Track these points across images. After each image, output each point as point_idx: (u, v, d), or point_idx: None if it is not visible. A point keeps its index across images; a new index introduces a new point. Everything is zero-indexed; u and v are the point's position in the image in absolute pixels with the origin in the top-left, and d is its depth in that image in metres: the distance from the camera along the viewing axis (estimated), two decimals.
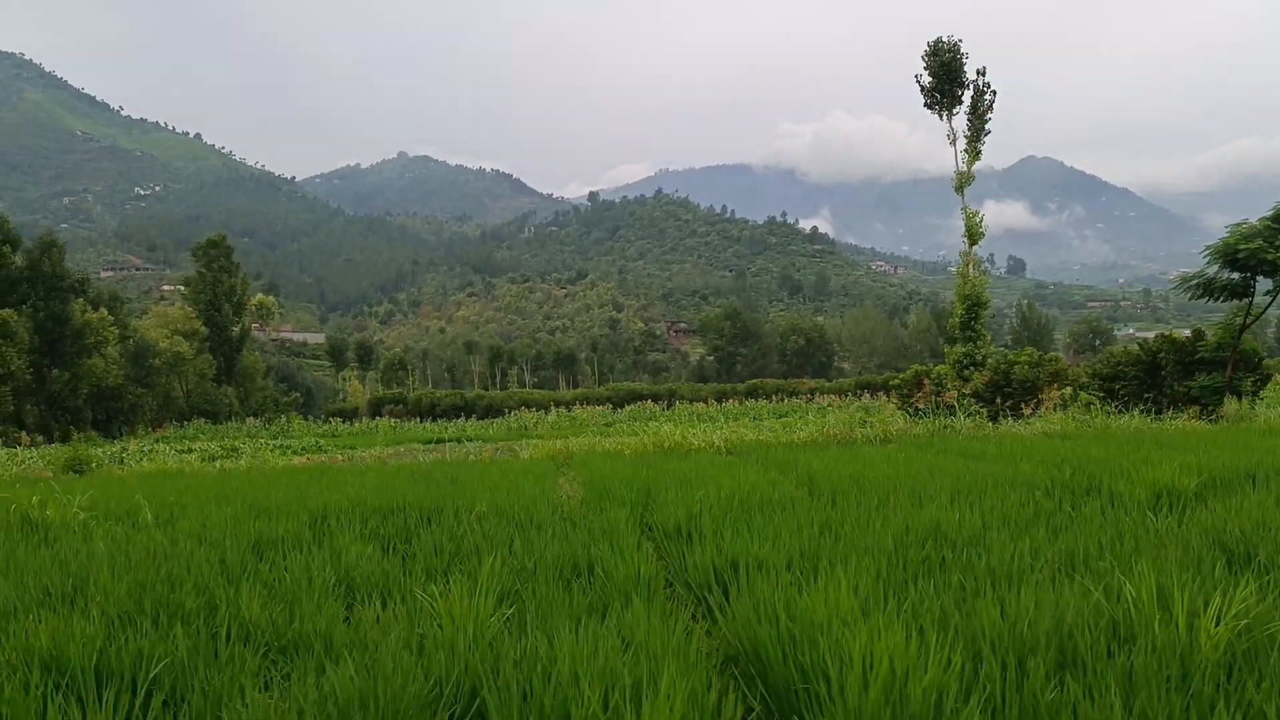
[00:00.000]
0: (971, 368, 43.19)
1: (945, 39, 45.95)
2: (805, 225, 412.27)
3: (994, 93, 45.83)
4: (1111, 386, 34.10)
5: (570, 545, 7.45)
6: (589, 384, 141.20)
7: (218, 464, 23.40)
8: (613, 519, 8.62)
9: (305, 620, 5.20)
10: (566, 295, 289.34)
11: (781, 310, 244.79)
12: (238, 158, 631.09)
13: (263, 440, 47.50)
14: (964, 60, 45.47)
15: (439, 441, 47.97)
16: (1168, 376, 32.15)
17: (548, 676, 3.88)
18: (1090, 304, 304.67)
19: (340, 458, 29.99)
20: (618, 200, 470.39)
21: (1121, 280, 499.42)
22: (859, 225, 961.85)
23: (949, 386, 43.31)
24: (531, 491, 11.63)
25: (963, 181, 45.72)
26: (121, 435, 66.25)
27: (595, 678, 3.78)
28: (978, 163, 46.93)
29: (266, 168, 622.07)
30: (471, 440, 48.94)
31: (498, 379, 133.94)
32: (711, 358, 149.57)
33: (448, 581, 6.46)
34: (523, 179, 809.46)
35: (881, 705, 3.39)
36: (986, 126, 45.37)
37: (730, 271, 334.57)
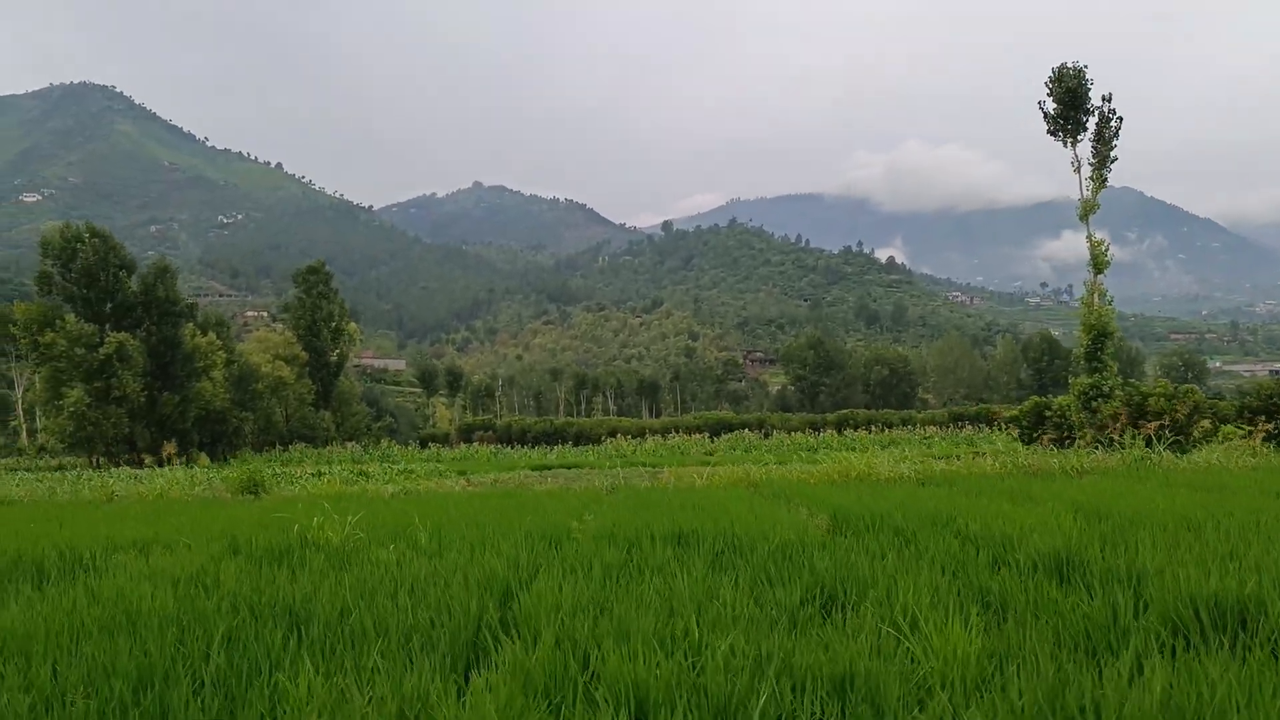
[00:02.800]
0: (1099, 399, 42.06)
1: (1070, 65, 45.29)
2: (879, 256, 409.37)
3: (1120, 119, 44.93)
4: (1262, 419, 32.98)
5: (938, 575, 7.05)
6: (670, 412, 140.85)
7: (389, 487, 23.39)
8: (948, 549, 8.21)
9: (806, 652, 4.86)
10: (642, 324, 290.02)
11: (859, 340, 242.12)
12: (317, 187, 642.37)
13: (377, 465, 47.78)
14: (1089, 86, 44.69)
15: (548, 468, 47.82)
16: None
17: None
18: (1173, 336, 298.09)
19: (465, 483, 29.95)
20: (691, 229, 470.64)
21: (1205, 312, 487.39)
22: (933, 255, 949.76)
23: (1074, 419, 42.26)
24: (789, 520, 11.25)
25: (1087, 209, 44.86)
26: (225, 458, 67.24)
27: None
28: (1096, 191, 46.06)
29: (345, 196, 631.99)
30: (579, 467, 48.77)
31: (582, 406, 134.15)
32: (794, 387, 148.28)
33: (856, 613, 6.10)
34: (596, 208, 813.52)
35: None
36: (1113, 153, 44.49)
37: (805, 301, 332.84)
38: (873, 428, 76.64)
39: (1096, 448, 26.05)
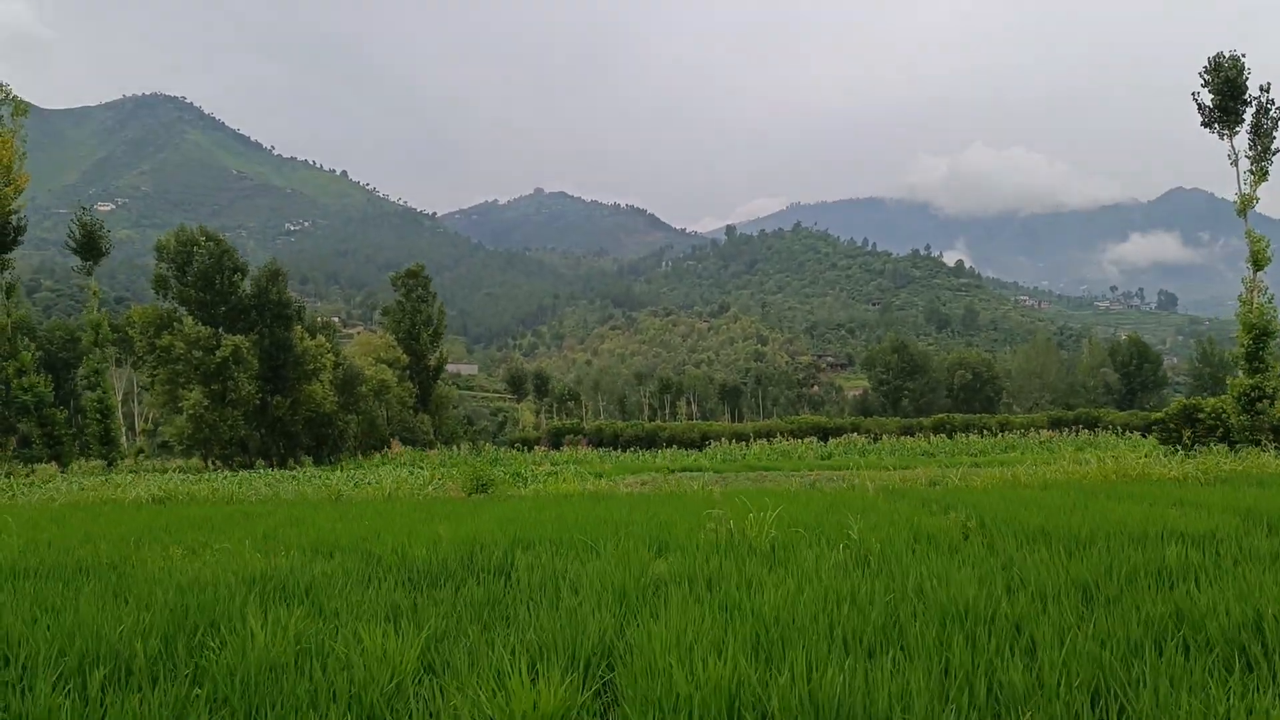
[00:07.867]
0: (1262, 400, 40.66)
1: (1226, 54, 44.01)
2: (946, 259, 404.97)
3: None
4: None
5: None
6: (751, 416, 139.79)
7: (623, 487, 22.79)
8: None
9: None
10: (710, 328, 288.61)
11: (929, 344, 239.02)
12: (381, 194, 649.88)
13: (511, 467, 47.27)
14: (1247, 76, 43.38)
15: (673, 471, 47.06)
16: None
17: None
18: None
19: (702, 481, 29.28)
20: (754, 234, 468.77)
21: None
22: (996, 259, 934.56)
23: (1232, 421, 40.79)
24: (1212, 521, 10.30)
25: (1245, 204, 43.61)
26: (331, 462, 67.23)
27: None
28: (1256, 185, 44.78)
29: (408, 204, 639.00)
30: (700, 470, 47.97)
31: (666, 410, 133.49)
32: (876, 391, 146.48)
33: None
34: (656, 214, 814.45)
35: None
36: (1274, 145, 43.14)
37: (874, 305, 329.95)
38: (984, 431, 74.75)
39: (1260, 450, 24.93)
